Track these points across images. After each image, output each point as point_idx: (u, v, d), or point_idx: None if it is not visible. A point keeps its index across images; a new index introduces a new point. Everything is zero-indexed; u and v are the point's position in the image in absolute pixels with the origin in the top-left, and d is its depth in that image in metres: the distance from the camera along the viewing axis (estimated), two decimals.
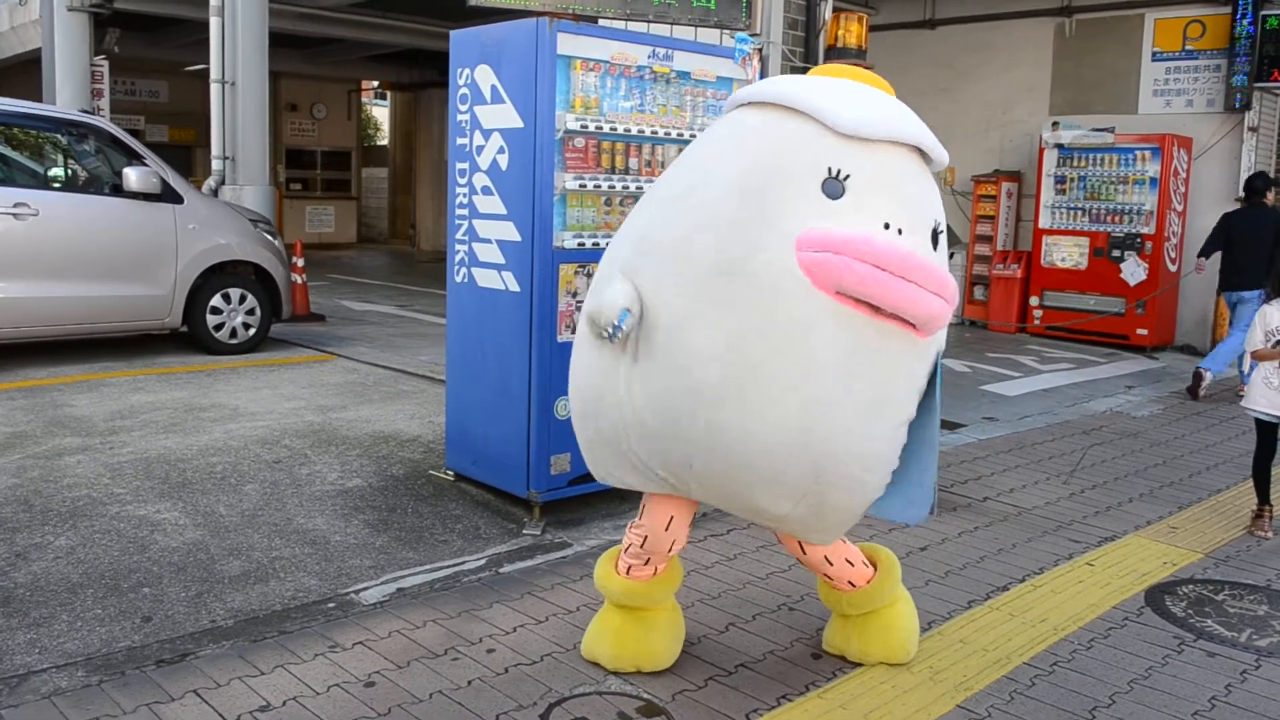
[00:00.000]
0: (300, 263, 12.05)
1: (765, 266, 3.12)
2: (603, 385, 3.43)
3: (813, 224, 3.11)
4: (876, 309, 3.12)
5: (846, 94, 3.34)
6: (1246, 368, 5.90)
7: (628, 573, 3.80)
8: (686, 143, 5.57)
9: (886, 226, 3.16)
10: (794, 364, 3.13)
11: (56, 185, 8.84)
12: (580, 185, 5.22)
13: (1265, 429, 5.83)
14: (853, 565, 3.83)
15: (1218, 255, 10.13)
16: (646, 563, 3.78)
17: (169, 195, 9.06)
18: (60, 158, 9.03)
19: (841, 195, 3.16)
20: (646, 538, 3.71)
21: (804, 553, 3.78)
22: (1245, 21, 12.12)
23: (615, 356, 3.36)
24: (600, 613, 3.93)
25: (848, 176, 3.17)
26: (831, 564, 3.80)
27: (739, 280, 3.14)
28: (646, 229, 3.39)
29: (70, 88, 14.23)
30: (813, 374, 3.13)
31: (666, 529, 3.68)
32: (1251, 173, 10.93)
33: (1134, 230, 12.65)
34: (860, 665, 3.91)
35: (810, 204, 3.15)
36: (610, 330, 3.23)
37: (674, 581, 3.89)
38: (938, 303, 3.16)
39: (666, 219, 3.35)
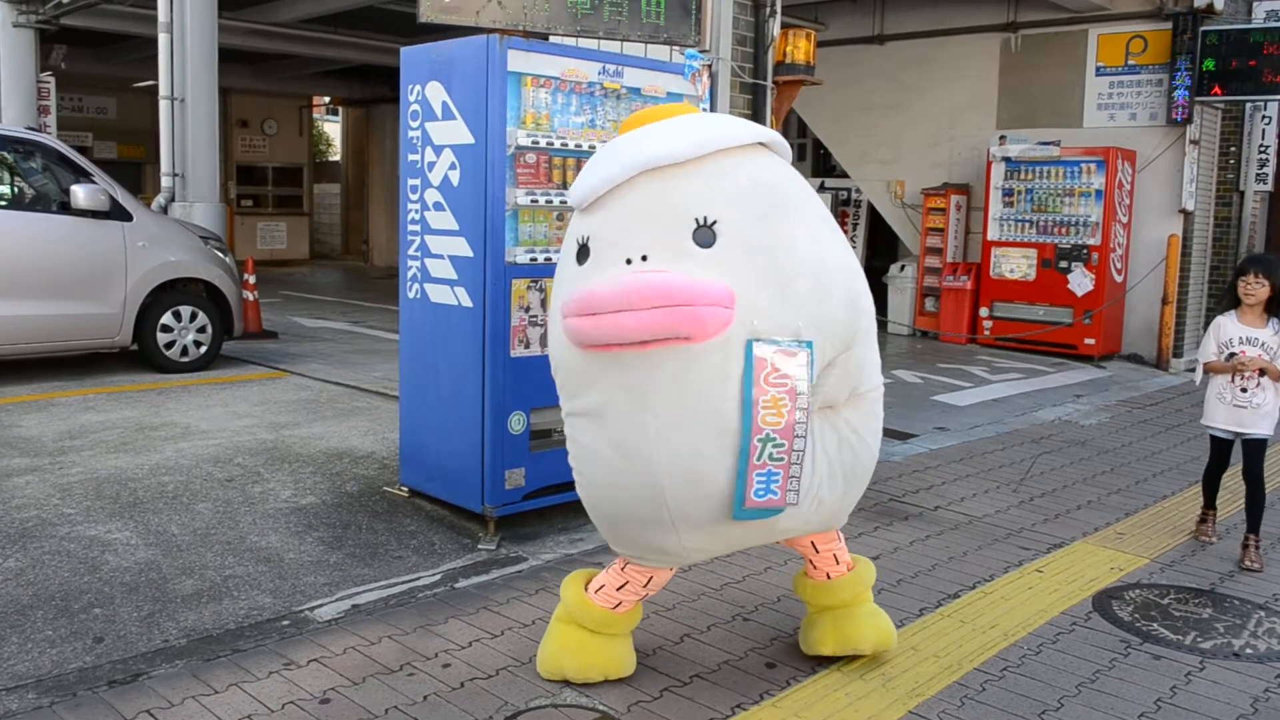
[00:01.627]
0: (252, 279, 11.97)
1: (558, 345, 3.57)
2: (585, 478, 3.73)
3: (567, 293, 3.44)
4: (621, 344, 3.28)
5: (594, 162, 3.56)
6: (1198, 380, 5.74)
7: (615, 608, 3.82)
8: None
9: (629, 262, 3.31)
10: (591, 417, 3.50)
11: (2, 203, 8.72)
12: (532, 200, 5.25)
13: (1219, 444, 5.75)
14: (839, 562, 4.00)
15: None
16: (640, 599, 3.89)
17: (118, 212, 8.98)
18: (6, 175, 8.92)
19: (587, 259, 3.43)
20: (651, 580, 3.83)
21: (817, 551, 3.94)
22: (1185, 37, 12.36)
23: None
24: (555, 628, 3.92)
25: (588, 238, 3.46)
26: (836, 556, 4.00)
27: (560, 368, 3.62)
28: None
29: (16, 104, 14.07)
30: (609, 420, 3.44)
31: (645, 586, 3.85)
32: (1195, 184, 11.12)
33: (1080, 242, 12.85)
34: (816, 673, 3.94)
35: (570, 275, 3.51)
36: None
37: (631, 622, 3.94)
38: (658, 315, 3.20)
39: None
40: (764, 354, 3.25)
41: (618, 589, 3.82)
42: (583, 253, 3.44)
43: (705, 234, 3.30)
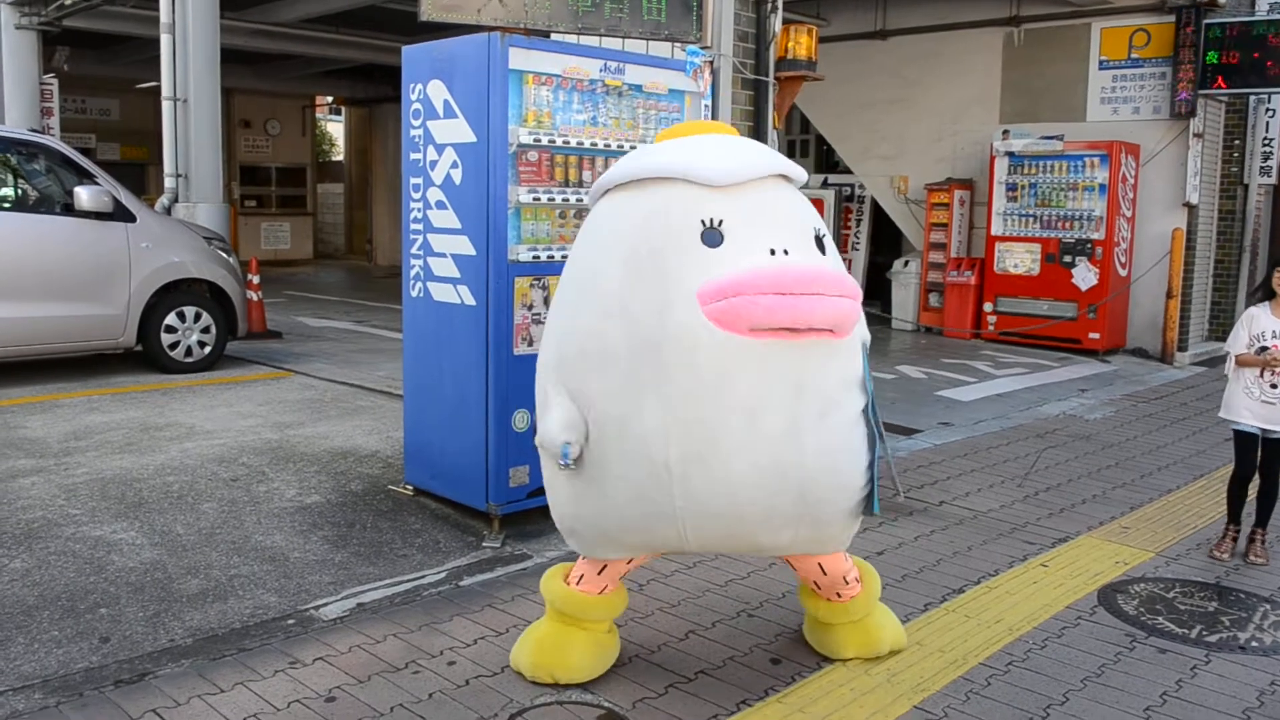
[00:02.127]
0: (256, 280, 11.98)
1: (678, 330, 3.24)
2: (579, 503, 3.59)
3: (704, 276, 3.23)
4: (794, 330, 3.21)
5: (703, 149, 3.50)
6: (1229, 371, 5.48)
7: (578, 583, 3.83)
8: None
9: (773, 252, 3.27)
10: (735, 410, 3.25)
11: (6, 205, 8.74)
12: (534, 199, 5.25)
13: (1244, 443, 5.47)
14: (848, 581, 3.95)
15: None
16: (601, 590, 3.84)
17: (121, 214, 9.00)
18: (10, 177, 8.94)
19: (721, 241, 3.29)
20: (606, 570, 3.80)
21: (824, 572, 3.86)
22: (1188, 30, 12.33)
23: (582, 474, 3.51)
24: (531, 625, 3.99)
25: (721, 222, 3.30)
26: (846, 579, 3.95)
27: (660, 353, 3.27)
28: (560, 345, 3.53)
29: (19, 106, 14.09)
30: (759, 412, 3.26)
31: (627, 563, 3.84)
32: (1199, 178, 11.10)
33: (1084, 236, 12.83)
34: (820, 669, 3.95)
35: (697, 258, 3.28)
36: (560, 463, 3.43)
37: (621, 603, 3.94)
38: (845, 303, 3.28)
39: (573, 328, 3.49)
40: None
41: (578, 580, 3.84)
42: (714, 235, 3.30)
43: (820, 244, 3.44)
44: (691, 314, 3.21)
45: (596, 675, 3.83)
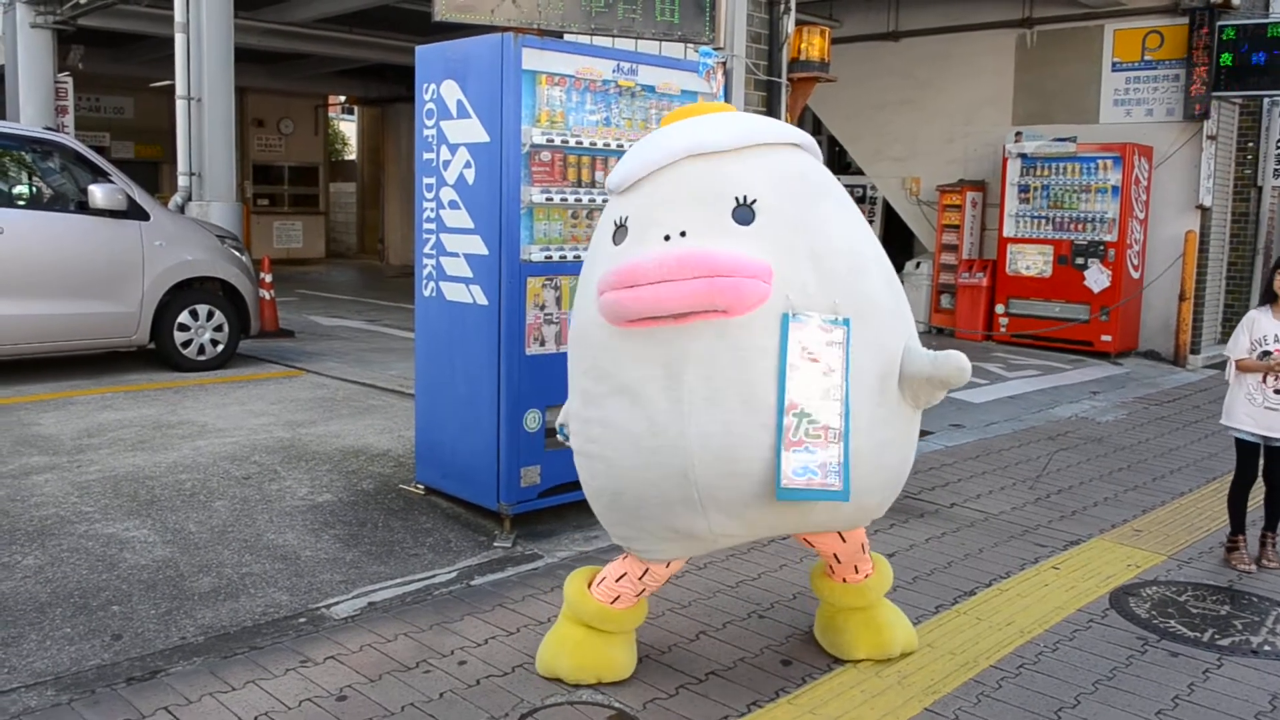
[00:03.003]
0: (268, 278, 12.02)
1: (590, 326, 3.50)
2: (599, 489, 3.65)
3: (603, 270, 3.39)
4: (678, 315, 3.23)
5: (631, 152, 3.63)
6: (1230, 377, 5.36)
7: (613, 602, 3.81)
8: None
9: (667, 238, 3.32)
10: (625, 394, 3.39)
11: (21, 203, 8.78)
12: (547, 199, 5.25)
13: (1246, 450, 5.36)
14: (864, 551, 3.97)
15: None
16: (639, 593, 3.83)
17: (135, 212, 9.03)
18: (25, 175, 8.98)
19: (624, 238, 3.42)
20: (648, 573, 3.77)
21: (844, 541, 3.82)
22: (1202, 32, 12.29)
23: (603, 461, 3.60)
24: (556, 627, 3.95)
25: (626, 218, 3.46)
26: (857, 566, 3.98)
27: (591, 348, 3.51)
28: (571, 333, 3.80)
29: (34, 105, 14.14)
30: (639, 398, 3.35)
31: (667, 566, 3.80)
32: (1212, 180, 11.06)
33: (1097, 238, 12.79)
34: (831, 670, 3.94)
35: (604, 255, 3.49)
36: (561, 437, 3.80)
37: (645, 610, 3.95)
38: (699, 284, 3.18)
39: (575, 319, 3.74)
40: (800, 329, 3.25)
41: (616, 580, 3.81)
42: (620, 232, 3.44)
43: (745, 212, 3.33)
44: (592, 309, 3.46)
45: (632, 672, 3.85)
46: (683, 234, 3.29)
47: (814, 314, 3.27)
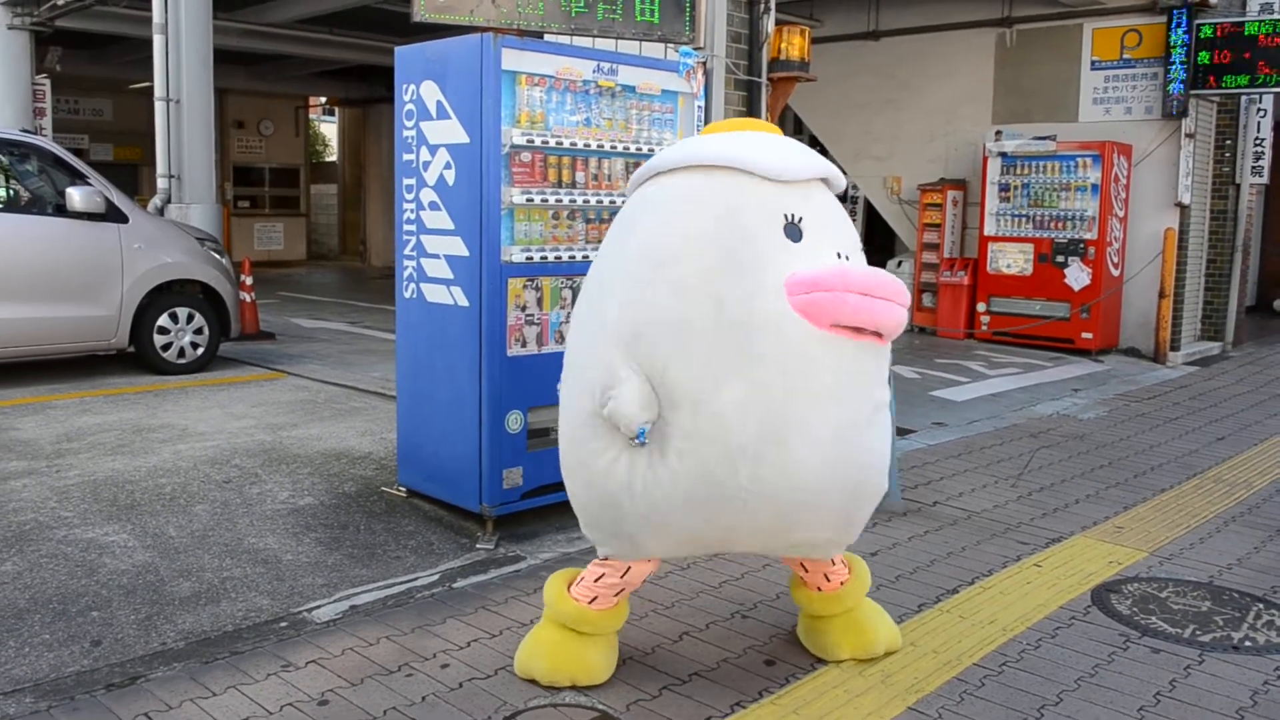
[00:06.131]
0: (249, 280, 11.97)
1: (765, 318, 3.32)
2: (618, 487, 3.52)
3: (789, 269, 3.34)
4: (858, 330, 3.36)
5: (763, 146, 3.57)
6: None
7: (591, 603, 3.80)
8: (634, 156, 5.61)
9: (839, 256, 3.43)
10: (815, 399, 3.36)
11: None
12: (528, 199, 5.24)
13: None
14: (834, 564, 4.00)
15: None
16: (617, 594, 3.82)
17: (114, 214, 8.98)
18: (1, 178, 8.92)
19: (801, 238, 3.40)
20: (629, 572, 3.77)
21: (805, 569, 3.95)
22: (1180, 30, 12.35)
23: (628, 456, 3.49)
24: (536, 628, 3.94)
25: (801, 219, 3.43)
26: (827, 574, 4.00)
27: (746, 337, 3.33)
28: (635, 320, 3.44)
29: (12, 107, 14.04)
30: (832, 403, 3.38)
31: (623, 576, 3.79)
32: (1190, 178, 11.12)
33: (1077, 236, 12.84)
34: (815, 670, 3.94)
35: (781, 251, 3.38)
36: (636, 441, 3.42)
37: (625, 613, 3.94)
38: (903, 311, 3.42)
39: (652, 302, 3.42)
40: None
41: (595, 580, 3.79)
42: (795, 231, 3.41)
43: (852, 248, 3.57)
44: (779, 302, 3.31)
45: (609, 676, 3.83)
46: (847, 257, 3.47)
47: None
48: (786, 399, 3.32)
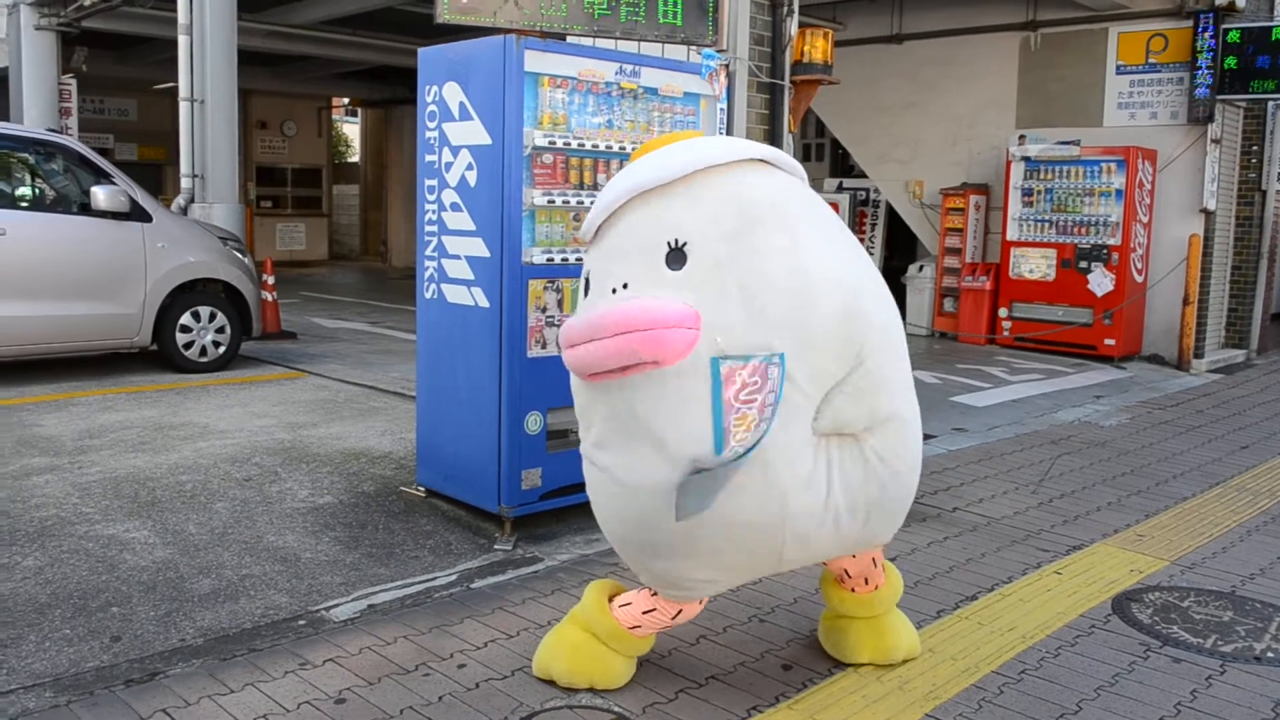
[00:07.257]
0: (271, 280, 12.02)
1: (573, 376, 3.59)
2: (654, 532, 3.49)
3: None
4: (623, 369, 3.29)
5: (598, 196, 3.59)
6: None
7: (632, 629, 3.76)
8: None
9: (615, 291, 3.38)
10: (625, 443, 3.44)
11: (24, 205, 8.78)
12: (549, 201, 5.24)
13: None
14: (876, 565, 3.97)
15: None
16: (670, 617, 3.79)
17: (138, 214, 9.04)
18: (28, 177, 8.99)
19: (589, 292, 3.50)
20: (681, 613, 3.76)
21: (854, 556, 3.83)
22: (1206, 35, 12.27)
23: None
24: (558, 627, 3.91)
25: (589, 272, 3.54)
26: (866, 578, 3.97)
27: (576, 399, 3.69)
28: None
29: (38, 106, 14.16)
30: (603, 446, 3.52)
31: (674, 618, 3.78)
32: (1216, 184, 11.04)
33: (1100, 242, 12.77)
34: (832, 675, 3.93)
35: (577, 309, 3.59)
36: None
37: (653, 640, 3.92)
38: (617, 342, 3.23)
39: None
40: (730, 372, 3.21)
41: (644, 612, 3.75)
42: (586, 286, 3.53)
43: (677, 256, 3.30)
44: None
45: (626, 681, 3.83)
46: (625, 285, 3.36)
47: (746, 354, 3.22)
48: (610, 446, 3.50)
